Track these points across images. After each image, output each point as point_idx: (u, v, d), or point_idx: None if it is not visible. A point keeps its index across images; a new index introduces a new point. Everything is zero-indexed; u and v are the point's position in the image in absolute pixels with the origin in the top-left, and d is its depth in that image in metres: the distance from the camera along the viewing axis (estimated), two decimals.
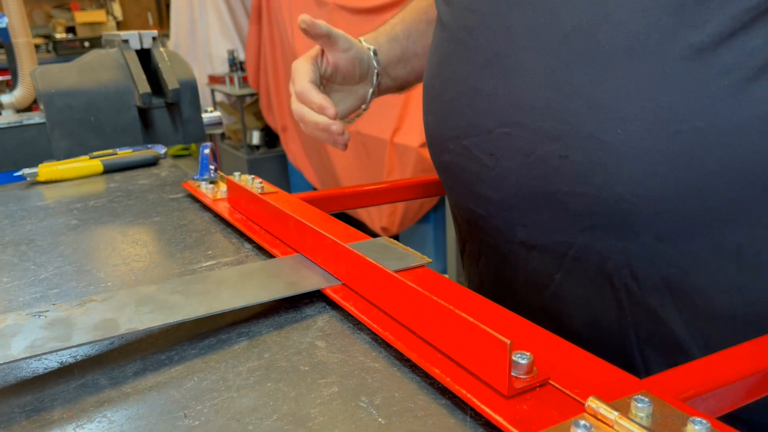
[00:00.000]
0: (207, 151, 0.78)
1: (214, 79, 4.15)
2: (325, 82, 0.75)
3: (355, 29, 2.78)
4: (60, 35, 6.02)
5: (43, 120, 0.96)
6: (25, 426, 0.36)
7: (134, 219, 0.72)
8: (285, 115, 3.48)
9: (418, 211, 2.42)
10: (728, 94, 0.45)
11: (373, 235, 0.61)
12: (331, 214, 0.62)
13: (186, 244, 0.63)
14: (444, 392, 0.37)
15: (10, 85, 2.99)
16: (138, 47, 1.03)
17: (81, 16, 6.05)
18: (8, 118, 0.96)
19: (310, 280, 0.50)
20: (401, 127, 2.41)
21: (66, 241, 0.66)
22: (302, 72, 0.70)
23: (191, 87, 1.05)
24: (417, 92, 2.40)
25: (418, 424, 0.34)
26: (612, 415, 0.31)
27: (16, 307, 0.51)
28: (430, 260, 0.51)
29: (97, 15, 6.15)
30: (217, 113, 1.12)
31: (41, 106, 0.97)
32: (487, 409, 0.33)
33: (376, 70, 0.77)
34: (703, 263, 0.49)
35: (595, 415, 0.32)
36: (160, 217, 0.71)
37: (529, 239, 0.57)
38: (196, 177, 0.79)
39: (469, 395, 0.35)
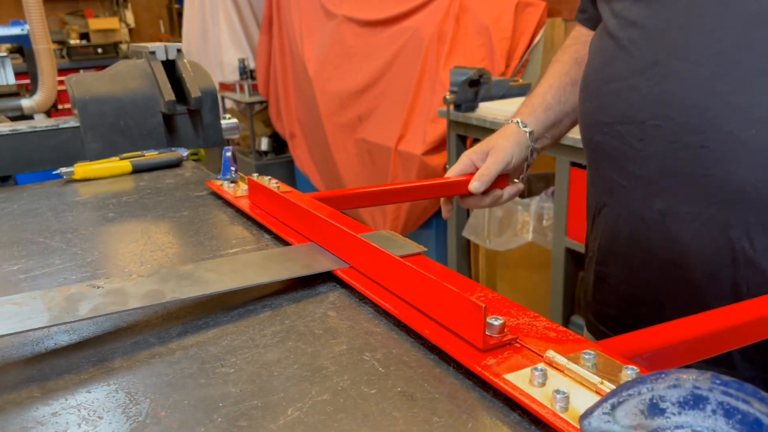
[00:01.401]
0: (229, 154, 0.87)
1: (224, 87, 4.25)
2: None
3: (363, 40, 2.88)
4: (74, 41, 6.14)
5: (77, 124, 1.05)
6: (91, 371, 0.45)
7: (164, 213, 0.80)
8: (293, 122, 3.58)
9: (420, 216, 2.50)
10: None
11: None
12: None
13: (212, 234, 0.72)
14: (433, 349, 0.45)
15: (30, 90, 3.09)
16: (164, 58, 1.11)
17: (95, 23, 6.18)
18: (45, 122, 1.05)
19: (322, 263, 0.58)
20: (406, 135, 2.50)
21: (106, 231, 0.75)
22: (452, 168, 0.92)
23: (212, 95, 1.14)
24: (420, 102, 2.50)
25: (411, 373, 0.43)
26: (564, 362, 0.39)
27: (71, 284, 0.59)
28: (426, 249, 0.60)
29: (111, 22, 6.27)
30: (235, 120, 1.21)
31: (76, 111, 1.05)
32: (465, 360, 0.42)
33: (531, 148, 0.92)
34: None
35: (551, 364, 0.40)
36: (188, 212, 0.80)
37: (665, 208, 0.70)
38: (218, 177, 0.87)
39: (452, 350, 0.43)
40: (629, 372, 0.38)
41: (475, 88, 1.98)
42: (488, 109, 1.96)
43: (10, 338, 0.49)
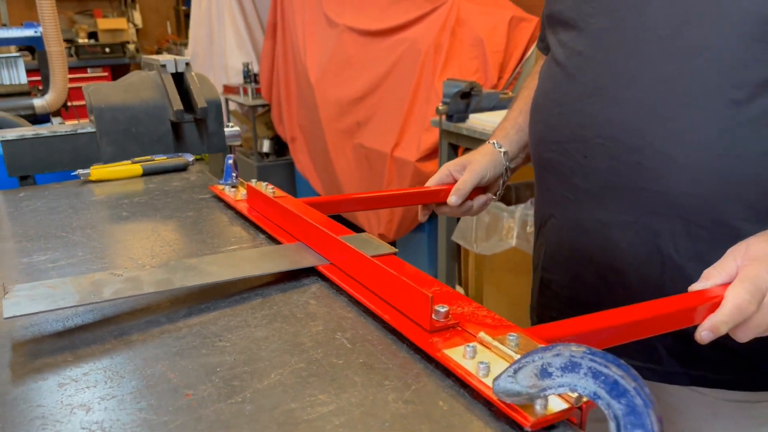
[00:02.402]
0: (231, 161, 0.97)
1: (228, 89, 4.36)
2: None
3: (363, 49, 2.99)
4: (82, 40, 6.27)
5: (93, 129, 1.15)
6: (113, 342, 0.55)
7: (172, 213, 0.90)
8: (294, 126, 3.68)
9: (413, 220, 2.60)
10: (753, 135, 0.69)
11: None
12: (333, 218, 0.80)
13: (214, 233, 0.82)
14: (393, 331, 0.55)
15: (41, 88, 3.19)
16: (173, 71, 1.22)
17: (103, 23, 6.30)
18: (65, 127, 1.15)
19: (307, 259, 0.68)
20: (401, 142, 2.60)
21: (121, 228, 0.85)
22: (432, 177, 1.02)
23: (216, 105, 1.24)
24: (416, 110, 2.60)
25: (372, 349, 0.53)
26: (490, 341, 0.49)
27: (94, 273, 0.69)
28: (396, 250, 0.70)
29: (119, 22, 6.40)
30: (237, 128, 1.31)
31: (92, 118, 1.16)
32: (415, 339, 0.52)
33: (505, 166, 1.02)
34: (723, 246, 0.68)
35: (481, 342, 0.50)
36: (193, 212, 0.90)
37: (604, 218, 0.80)
38: (221, 182, 0.98)
39: (406, 331, 0.53)
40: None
41: (466, 99, 2.09)
42: (478, 120, 2.06)
43: (46, 315, 0.59)
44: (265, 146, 4.20)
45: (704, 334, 0.61)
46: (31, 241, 0.79)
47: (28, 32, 2.78)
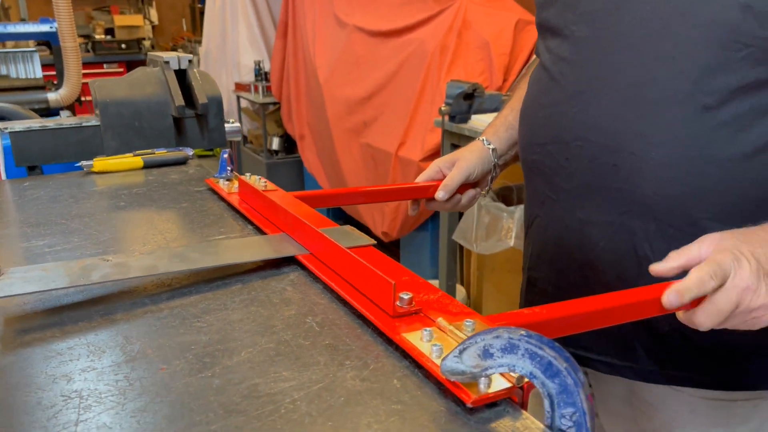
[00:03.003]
0: (226, 155, 1.01)
1: (240, 87, 4.41)
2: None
3: (371, 50, 3.01)
4: (99, 36, 6.37)
5: (98, 123, 1.19)
6: (99, 321, 0.59)
7: (167, 204, 0.94)
8: (303, 124, 3.72)
9: (417, 218, 2.63)
10: (723, 138, 0.72)
11: (375, 238, 0.83)
12: (342, 218, 0.84)
13: (205, 223, 0.85)
14: (359, 316, 0.58)
15: (56, 83, 3.26)
16: (176, 68, 1.26)
17: (120, 20, 6.40)
18: (71, 120, 1.19)
19: (288, 249, 0.71)
20: (406, 142, 2.63)
21: (117, 216, 0.89)
22: (422, 173, 1.05)
23: (217, 102, 1.28)
24: (421, 111, 2.63)
25: (338, 332, 0.56)
26: (446, 325, 0.52)
27: (86, 258, 0.73)
28: (375, 242, 0.73)
29: (135, 19, 6.50)
30: (237, 124, 1.35)
31: (97, 112, 1.20)
32: (378, 324, 0.55)
33: (494, 163, 1.05)
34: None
35: (438, 327, 0.53)
36: (187, 204, 0.94)
37: (584, 217, 0.84)
38: (216, 175, 1.01)
39: (371, 316, 0.56)
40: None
41: (469, 101, 2.11)
42: (480, 121, 2.09)
43: (38, 295, 0.63)
44: (275, 144, 4.25)
45: (672, 296, 0.62)
46: (32, 228, 0.84)
47: (44, 27, 2.85)
